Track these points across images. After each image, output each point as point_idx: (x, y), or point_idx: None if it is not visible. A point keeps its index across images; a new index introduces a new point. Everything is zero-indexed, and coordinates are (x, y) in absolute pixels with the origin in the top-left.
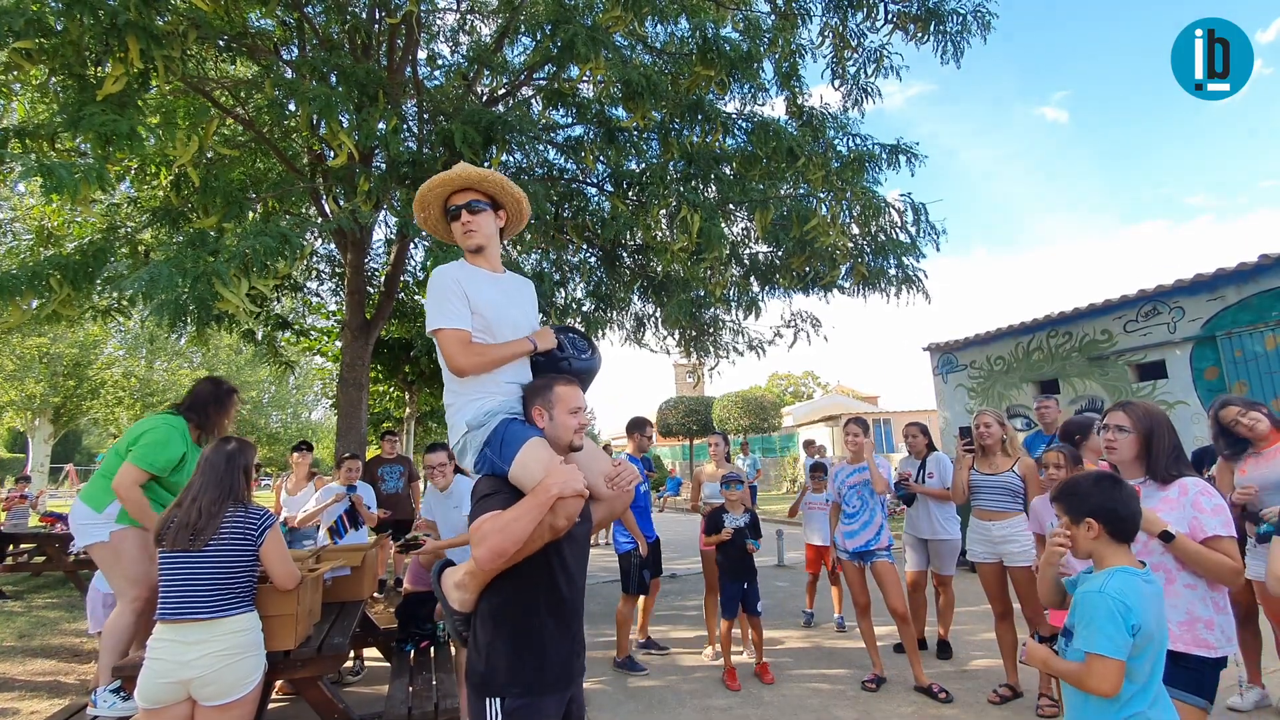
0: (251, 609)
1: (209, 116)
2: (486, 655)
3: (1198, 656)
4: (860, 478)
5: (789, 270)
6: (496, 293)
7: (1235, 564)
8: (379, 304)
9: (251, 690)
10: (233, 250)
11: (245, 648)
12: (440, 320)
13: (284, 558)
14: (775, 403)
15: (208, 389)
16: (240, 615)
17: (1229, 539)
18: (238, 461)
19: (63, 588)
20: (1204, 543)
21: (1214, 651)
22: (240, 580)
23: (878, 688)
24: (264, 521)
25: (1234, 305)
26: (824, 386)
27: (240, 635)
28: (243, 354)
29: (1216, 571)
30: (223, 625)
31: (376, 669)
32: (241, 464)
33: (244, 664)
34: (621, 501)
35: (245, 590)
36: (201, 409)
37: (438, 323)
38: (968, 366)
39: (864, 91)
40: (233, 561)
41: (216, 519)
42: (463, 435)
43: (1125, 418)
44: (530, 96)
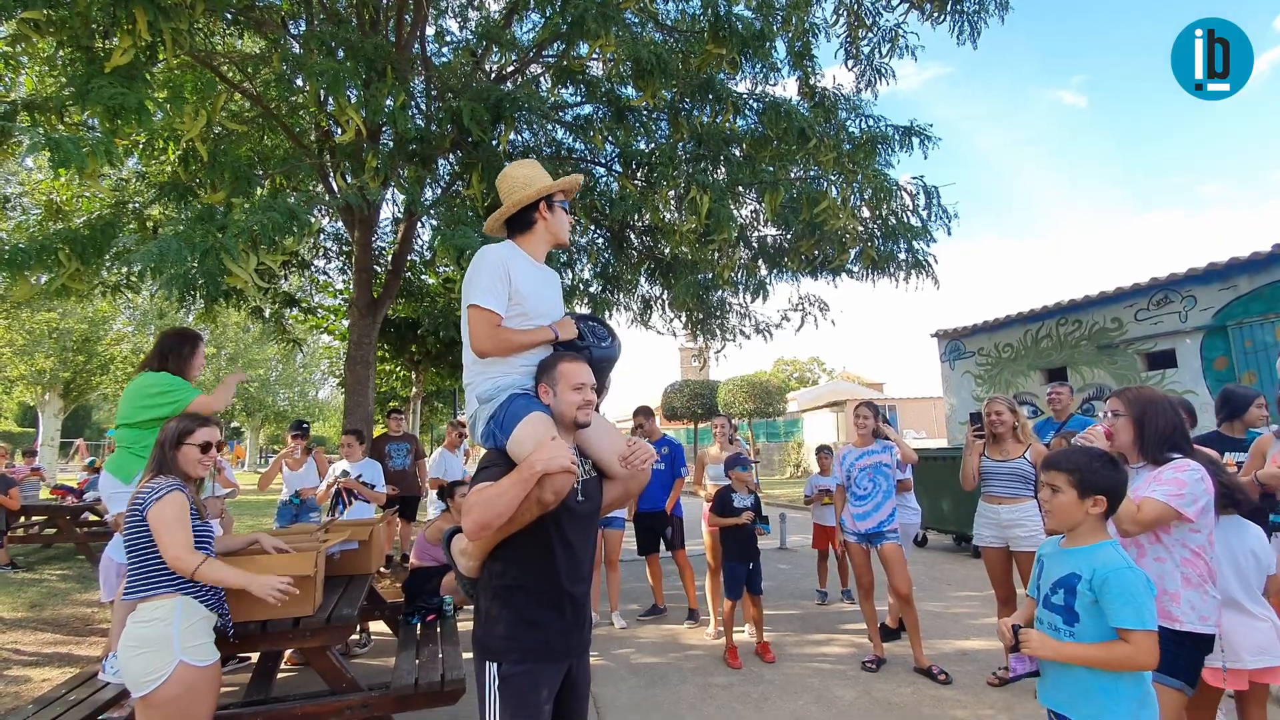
0: (166, 593)
1: (216, 91)
2: (486, 620)
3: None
4: (870, 460)
5: (798, 253)
6: (539, 281)
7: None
8: (386, 282)
9: (155, 691)
10: (241, 225)
11: (145, 641)
12: (478, 297)
13: (164, 532)
14: (780, 388)
15: (173, 338)
16: (148, 601)
17: (1149, 499)
18: (168, 436)
19: (73, 559)
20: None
21: (1179, 625)
22: (142, 560)
23: (878, 668)
24: (153, 494)
25: (1246, 295)
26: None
27: (143, 625)
28: (251, 331)
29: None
30: (134, 612)
31: (384, 643)
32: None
33: (141, 659)
34: (637, 481)
35: (153, 570)
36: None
37: (475, 298)
38: (975, 353)
39: (878, 72)
40: (131, 541)
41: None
42: (474, 410)
43: (1119, 403)
44: (539, 74)
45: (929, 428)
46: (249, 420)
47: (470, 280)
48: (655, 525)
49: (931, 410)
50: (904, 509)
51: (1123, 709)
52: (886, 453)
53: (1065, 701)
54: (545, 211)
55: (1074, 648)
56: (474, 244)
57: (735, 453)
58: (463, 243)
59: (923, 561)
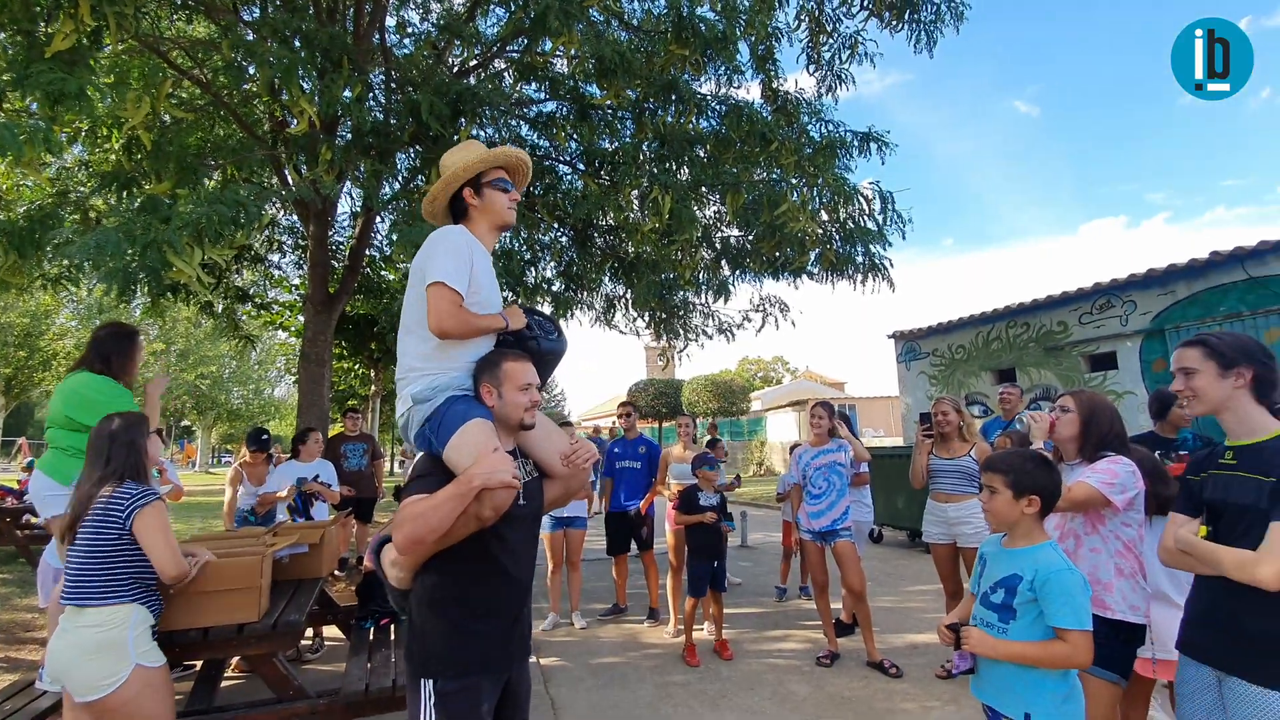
0: (123, 602)
1: (162, 77)
2: (421, 635)
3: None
4: (826, 459)
5: (759, 255)
6: (489, 272)
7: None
8: (343, 278)
9: (112, 693)
10: (185, 218)
11: (101, 647)
12: (443, 274)
13: (161, 541)
14: (744, 387)
15: (106, 334)
16: (102, 608)
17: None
18: (120, 438)
19: (15, 563)
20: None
21: (1111, 613)
22: (105, 568)
23: (832, 663)
24: (135, 500)
25: (1184, 300)
26: (793, 372)
27: (96, 631)
28: (202, 327)
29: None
30: (83, 616)
31: (339, 648)
32: (125, 440)
33: (95, 664)
34: (577, 480)
35: (113, 580)
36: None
37: (440, 276)
38: (930, 354)
39: (838, 78)
40: (96, 547)
41: (93, 502)
42: (407, 409)
43: (1072, 401)
44: (503, 69)
45: (887, 427)
46: (200, 419)
47: (430, 256)
48: (629, 526)
49: (890, 409)
50: (858, 505)
51: (1048, 703)
52: (841, 451)
53: (996, 695)
54: (473, 197)
55: (1012, 645)
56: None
57: (702, 452)
58: (421, 239)
59: (878, 557)
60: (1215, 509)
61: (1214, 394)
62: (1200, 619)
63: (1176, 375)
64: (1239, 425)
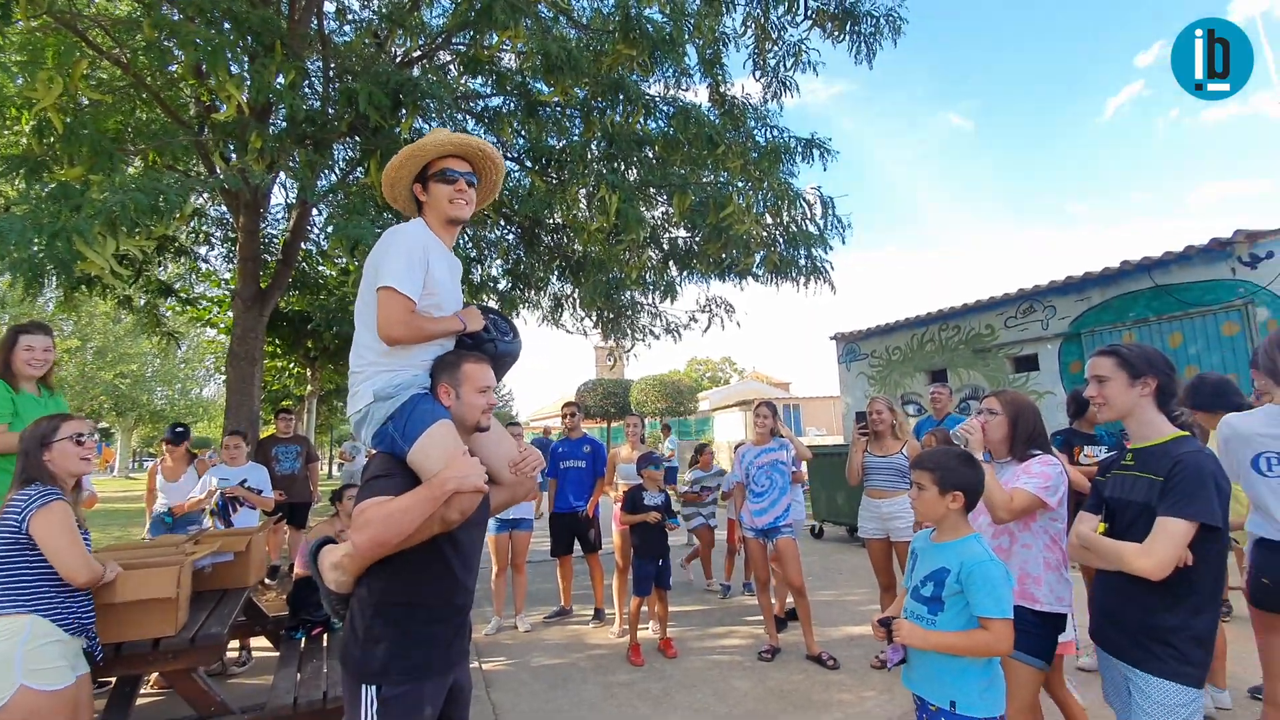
0: (19, 613)
1: (78, 56)
2: (364, 640)
3: (1022, 607)
4: (768, 458)
5: (705, 256)
6: (449, 269)
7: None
8: (276, 273)
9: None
10: (98, 206)
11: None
12: (394, 279)
13: (62, 543)
14: (692, 387)
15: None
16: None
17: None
18: (27, 443)
19: None
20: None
21: (1039, 605)
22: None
23: (773, 658)
24: (31, 501)
25: (1098, 306)
26: (740, 372)
27: None
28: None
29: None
30: None
31: (269, 659)
32: (33, 441)
33: None
34: (523, 488)
35: (7, 589)
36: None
37: (391, 280)
38: (869, 356)
39: (783, 84)
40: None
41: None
42: (367, 405)
43: (997, 403)
44: (448, 62)
45: (829, 426)
46: (120, 420)
47: (383, 258)
48: (574, 526)
49: (833, 409)
50: (794, 503)
51: (972, 689)
52: (783, 450)
53: (924, 685)
54: (421, 193)
55: (940, 636)
56: (369, 236)
57: (647, 451)
58: (357, 234)
59: (817, 552)
60: (1112, 507)
61: (1122, 401)
62: (1099, 610)
63: (1090, 381)
64: (1140, 429)
